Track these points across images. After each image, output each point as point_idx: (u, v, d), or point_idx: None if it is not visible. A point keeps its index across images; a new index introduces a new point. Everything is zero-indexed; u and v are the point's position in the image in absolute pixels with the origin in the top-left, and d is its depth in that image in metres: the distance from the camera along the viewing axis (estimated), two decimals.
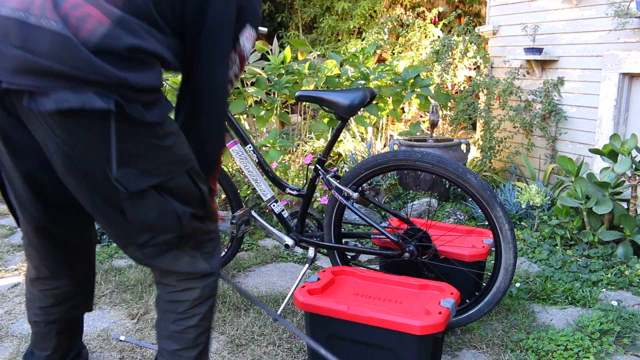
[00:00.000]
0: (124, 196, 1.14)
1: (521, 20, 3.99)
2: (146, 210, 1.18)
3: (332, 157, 4.22)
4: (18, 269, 2.62)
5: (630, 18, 3.14)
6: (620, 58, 3.24)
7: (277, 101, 3.54)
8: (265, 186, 2.21)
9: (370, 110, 3.64)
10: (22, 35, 1.01)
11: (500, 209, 1.83)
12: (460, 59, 4.38)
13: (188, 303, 1.33)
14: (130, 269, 2.58)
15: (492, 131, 3.88)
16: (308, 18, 7.27)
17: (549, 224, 2.96)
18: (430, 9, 6.15)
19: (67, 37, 1.00)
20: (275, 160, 3.14)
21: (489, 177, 3.93)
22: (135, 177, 1.14)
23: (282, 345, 1.95)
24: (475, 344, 1.97)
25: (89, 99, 1.02)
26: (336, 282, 1.83)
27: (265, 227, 2.23)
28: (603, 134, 3.36)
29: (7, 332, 2.03)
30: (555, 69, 3.76)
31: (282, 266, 2.71)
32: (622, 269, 2.53)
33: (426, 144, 3.80)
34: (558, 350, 1.89)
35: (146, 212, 1.18)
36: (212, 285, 1.37)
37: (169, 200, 1.20)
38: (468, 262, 2.05)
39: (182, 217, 1.22)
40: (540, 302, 2.31)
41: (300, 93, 2.02)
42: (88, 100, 1.02)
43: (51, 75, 1.01)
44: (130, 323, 2.10)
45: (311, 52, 4.02)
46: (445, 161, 1.87)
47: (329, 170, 2.08)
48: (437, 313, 1.57)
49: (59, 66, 1.01)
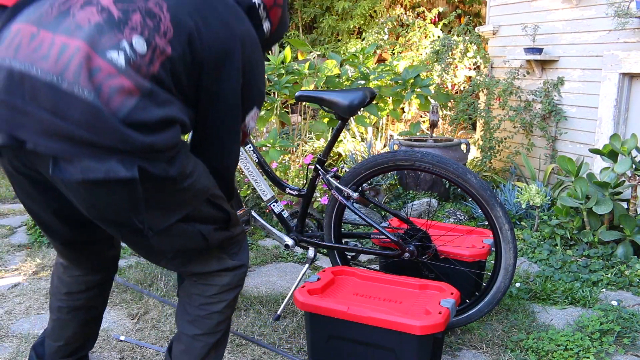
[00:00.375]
0: (152, 234, 1.21)
1: (521, 20, 3.99)
2: (174, 239, 1.27)
3: (332, 157, 4.22)
4: (18, 269, 2.62)
5: (630, 18, 3.14)
6: (620, 58, 3.24)
7: (277, 101, 3.54)
8: (265, 186, 2.21)
9: (370, 110, 3.63)
10: (53, 100, 1.03)
11: (500, 209, 1.83)
12: (460, 59, 4.38)
13: (217, 288, 1.39)
14: (130, 269, 2.58)
15: (492, 131, 3.88)
16: (308, 18, 7.27)
17: (549, 224, 2.96)
18: (430, 9, 6.15)
19: (99, 108, 1.03)
20: (275, 160, 3.14)
21: (489, 177, 3.93)
22: (159, 218, 1.20)
23: (282, 345, 1.95)
24: (475, 344, 1.97)
25: (113, 169, 1.06)
26: (336, 282, 1.83)
27: (265, 227, 2.23)
28: (603, 134, 3.36)
29: (7, 332, 2.03)
30: (555, 69, 3.76)
31: (282, 266, 2.71)
32: (622, 269, 2.53)
33: (426, 144, 3.80)
34: (558, 350, 1.89)
35: (174, 240, 1.27)
36: (242, 276, 1.44)
37: (193, 226, 1.28)
38: (468, 262, 2.05)
39: (207, 235, 1.31)
40: (540, 302, 2.31)
41: (300, 93, 2.02)
42: (112, 169, 1.06)
43: (79, 142, 1.04)
44: (130, 323, 2.10)
45: (311, 52, 4.03)
46: (445, 161, 1.87)
47: (329, 170, 2.08)
48: (437, 313, 1.57)
49: (88, 135, 1.03)
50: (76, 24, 1.08)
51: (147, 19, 1.12)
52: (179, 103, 1.17)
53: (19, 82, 1.04)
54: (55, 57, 1.05)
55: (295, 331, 2.04)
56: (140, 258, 2.71)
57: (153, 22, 1.12)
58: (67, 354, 1.59)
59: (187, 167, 1.21)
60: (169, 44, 1.13)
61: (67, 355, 1.59)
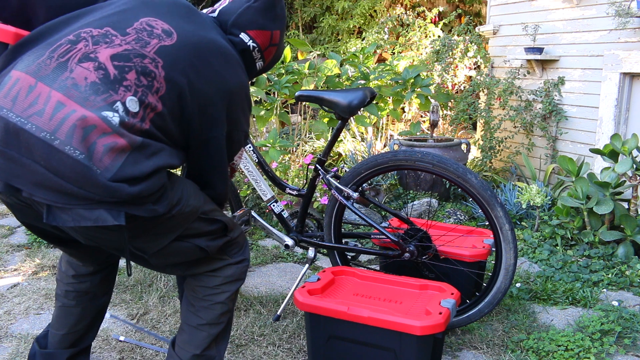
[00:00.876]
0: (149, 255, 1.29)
1: (522, 19, 3.98)
2: (172, 256, 1.33)
3: (332, 157, 4.21)
4: (17, 269, 2.62)
5: (630, 17, 3.13)
6: (621, 58, 3.24)
7: (277, 101, 3.54)
8: (265, 186, 2.20)
9: (370, 110, 3.63)
10: (46, 155, 1.07)
11: (500, 209, 1.83)
12: (461, 59, 4.37)
13: (221, 279, 1.44)
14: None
15: (493, 131, 3.87)
16: (308, 17, 7.27)
17: (550, 224, 2.96)
18: (431, 8, 6.14)
19: (88, 167, 1.08)
20: (275, 160, 3.14)
21: (490, 177, 3.93)
22: (151, 243, 1.27)
23: (282, 346, 1.94)
24: (475, 344, 1.97)
25: (101, 217, 1.11)
26: (336, 282, 1.82)
27: (265, 227, 2.22)
28: (604, 133, 3.35)
29: (7, 332, 2.02)
30: (555, 69, 3.75)
31: (282, 266, 2.71)
32: (622, 269, 2.53)
33: (426, 144, 3.80)
34: (559, 350, 1.88)
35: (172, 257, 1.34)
36: (244, 269, 1.49)
37: (189, 241, 1.33)
38: (468, 262, 2.04)
39: (205, 247, 1.36)
40: (541, 303, 2.30)
41: (300, 93, 2.01)
42: (101, 217, 1.11)
43: (70, 195, 1.09)
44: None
45: (311, 52, 4.03)
46: (445, 161, 1.86)
47: (329, 170, 2.07)
48: (438, 313, 1.56)
49: (78, 190, 1.09)
50: (73, 82, 1.11)
51: (142, 77, 1.16)
52: (169, 149, 1.22)
53: (14, 135, 1.08)
54: (50, 114, 1.08)
55: (295, 331, 2.04)
56: None
57: (147, 80, 1.17)
58: (69, 344, 1.61)
59: (174, 198, 1.24)
60: (160, 100, 1.18)
61: (69, 345, 1.61)
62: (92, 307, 1.62)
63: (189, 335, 1.45)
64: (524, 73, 3.96)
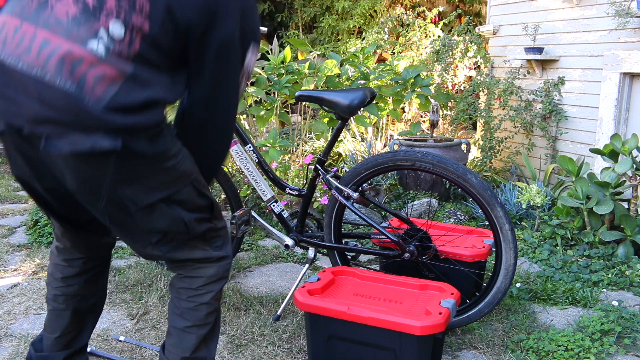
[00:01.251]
0: (135, 210, 1.26)
1: (522, 19, 3.98)
2: (156, 220, 1.30)
3: (332, 157, 4.21)
4: (17, 269, 2.62)
5: (630, 17, 3.13)
6: (621, 58, 3.24)
7: (277, 101, 3.54)
8: (265, 186, 2.20)
9: (370, 110, 3.63)
10: (39, 90, 1.10)
11: (500, 209, 1.83)
12: (461, 59, 4.37)
13: (204, 279, 1.42)
14: (130, 269, 2.58)
15: (493, 131, 3.87)
16: (308, 17, 7.27)
17: (550, 224, 2.96)
18: (431, 8, 6.14)
19: (80, 97, 1.09)
20: (275, 160, 3.14)
21: (490, 177, 3.93)
22: (142, 194, 1.25)
23: (282, 346, 1.94)
24: (475, 344, 1.97)
25: (98, 141, 1.11)
26: (336, 283, 1.82)
27: (265, 227, 2.22)
28: (604, 133, 3.35)
29: (7, 332, 2.02)
30: (555, 69, 3.75)
31: (282, 266, 2.71)
32: (622, 269, 2.53)
33: (426, 144, 3.80)
34: (559, 350, 1.88)
35: (157, 221, 1.31)
36: (227, 267, 1.47)
37: (176, 210, 1.31)
38: (468, 262, 2.04)
39: (189, 223, 1.34)
40: (541, 303, 2.30)
41: (300, 93, 2.01)
42: (98, 142, 1.11)
43: (67, 124, 1.11)
44: (129, 323, 2.09)
45: (311, 52, 4.02)
46: (445, 161, 1.86)
47: (329, 170, 2.07)
48: (438, 313, 1.56)
49: (74, 119, 1.11)
50: (55, 18, 1.13)
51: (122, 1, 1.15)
52: (165, 79, 1.20)
53: (9, 74, 1.12)
54: (37, 50, 1.11)
55: (295, 331, 2.04)
56: (140, 258, 2.70)
57: (128, 2, 1.15)
58: (63, 346, 1.60)
59: (172, 148, 1.25)
60: (147, 19, 1.15)
61: (63, 347, 1.60)
62: (82, 308, 1.61)
63: (177, 338, 1.44)
64: (524, 73, 3.96)
